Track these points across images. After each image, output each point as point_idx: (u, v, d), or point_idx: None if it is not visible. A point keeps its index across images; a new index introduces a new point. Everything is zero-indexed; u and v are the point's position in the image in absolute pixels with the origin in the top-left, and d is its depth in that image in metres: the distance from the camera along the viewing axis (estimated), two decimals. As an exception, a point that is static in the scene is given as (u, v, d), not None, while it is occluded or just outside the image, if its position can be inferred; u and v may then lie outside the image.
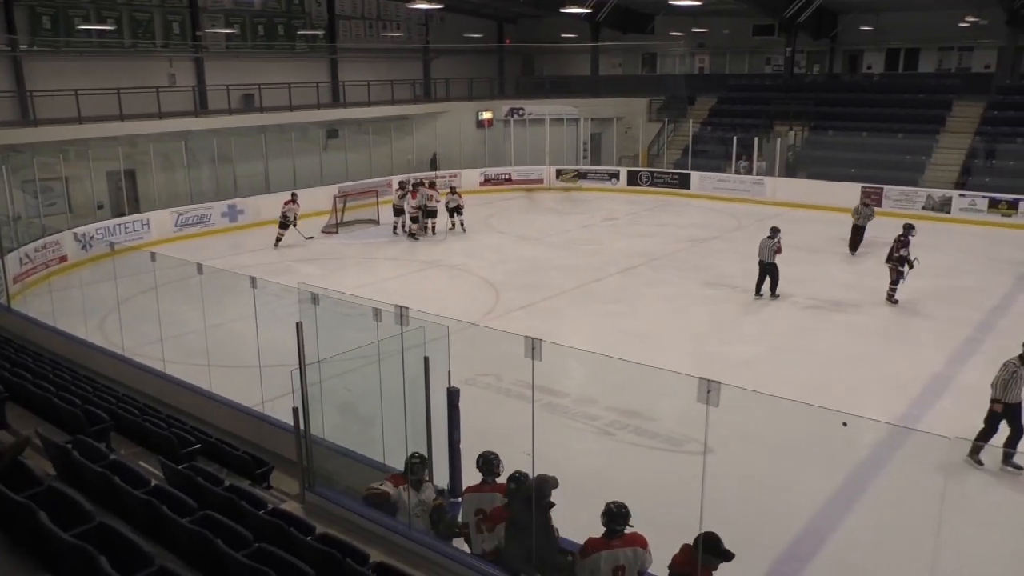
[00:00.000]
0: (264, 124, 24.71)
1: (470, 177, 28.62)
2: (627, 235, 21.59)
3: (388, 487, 5.74)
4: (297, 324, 6.10)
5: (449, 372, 6.82)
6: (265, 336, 9.02)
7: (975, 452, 8.28)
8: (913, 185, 24.48)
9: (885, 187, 24.25)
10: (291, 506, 5.99)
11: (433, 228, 21.22)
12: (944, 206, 23.29)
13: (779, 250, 14.97)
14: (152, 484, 5.27)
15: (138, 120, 21.58)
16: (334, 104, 28.95)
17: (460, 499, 6.14)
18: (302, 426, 6.20)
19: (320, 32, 30.01)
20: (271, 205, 23.26)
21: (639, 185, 28.71)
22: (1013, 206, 22.26)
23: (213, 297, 11.36)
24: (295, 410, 6.22)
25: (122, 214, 20.74)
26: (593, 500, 5.20)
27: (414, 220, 20.78)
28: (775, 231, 15.18)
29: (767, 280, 15.10)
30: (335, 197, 22.52)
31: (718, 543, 4.81)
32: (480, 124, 31.75)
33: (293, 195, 20.65)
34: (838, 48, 33.44)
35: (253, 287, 8.44)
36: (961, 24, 28.89)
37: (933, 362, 11.76)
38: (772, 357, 12.13)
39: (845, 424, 7.44)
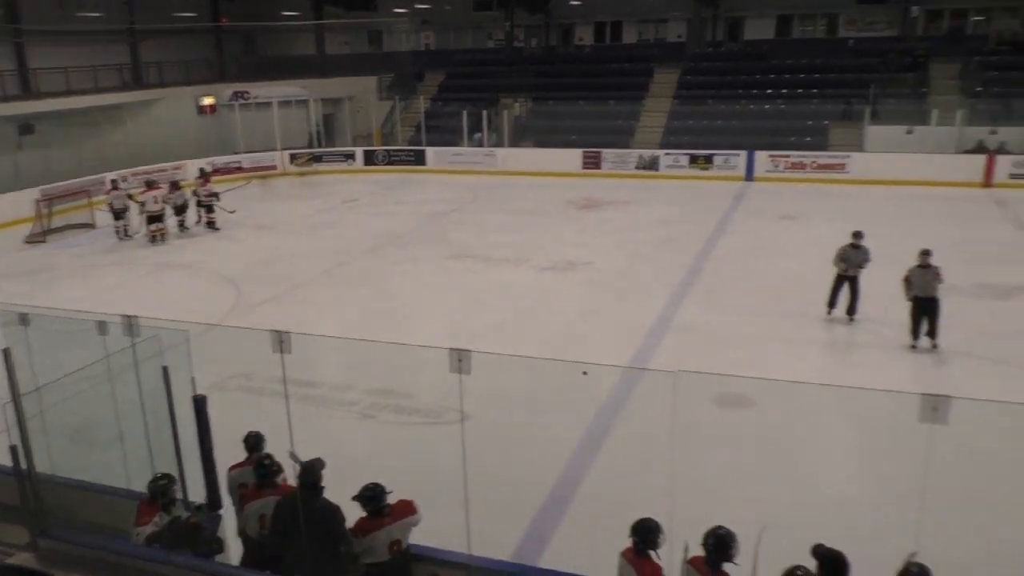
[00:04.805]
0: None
1: (195, 168, 26.81)
2: (369, 215, 21.53)
3: (149, 527, 5.32)
4: (3, 351, 5.44)
5: (193, 379, 6.43)
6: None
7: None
8: (626, 147, 26.83)
9: (603, 151, 26.35)
10: (21, 558, 5.37)
11: (162, 235, 19.19)
12: (653, 164, 25.80)
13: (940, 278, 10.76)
14: None
15: None
16: (25, 95, 25.58)
17: (220, 512, 5.88)
18: (23, 465, 5.55)
19: (-4, 13, 26.31)
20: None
21: (376, 164, 28.66)
22: (709, 160, 25.19)
23: None
24: (13, 449, 5.55)
25: None
26: (362, 484, 5.23)
27: (154, 219, 18.87)
28: (926, 254, 10.75)
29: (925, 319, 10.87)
30: (38, 202, 20.00)
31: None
32: (202, 110, 29.78)
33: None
34: (552, 22, 35.50)
35: (-60, 314, 7.34)
36: (654, -2, 31.97)
37: (655, 307, 13.07)
38: (517, 320, 12.79)
39: (585, 373, 8.13)
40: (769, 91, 28.25)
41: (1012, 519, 6.99)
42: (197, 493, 6.20)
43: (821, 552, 4.24)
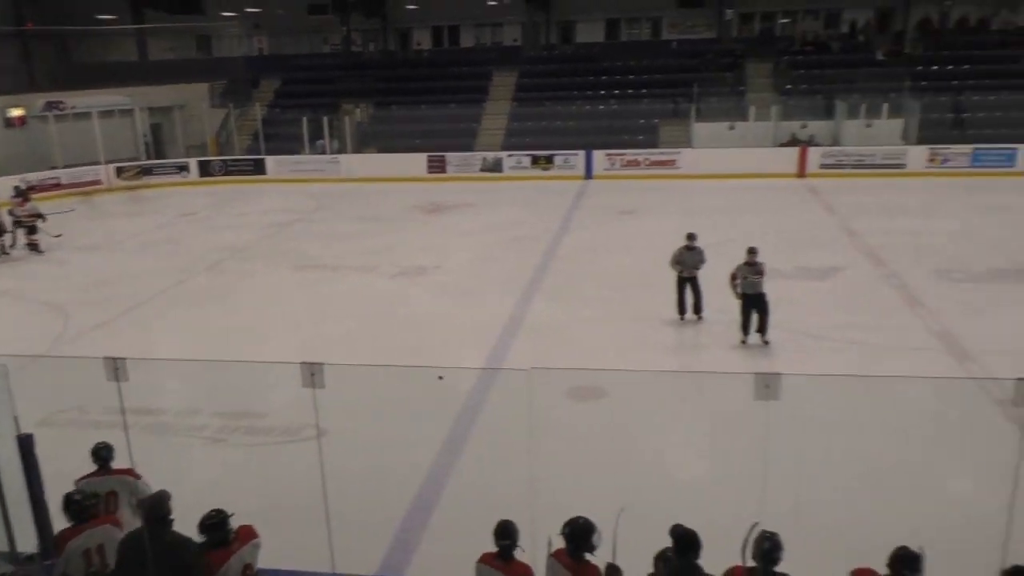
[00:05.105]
0: None
1: (4, 187, 24.55)
2: (208, 229, 20.58)
3: None
4: None
5: (16, 417, 5.93)
6: None
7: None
8: (469, 150, 27.10)
9: (447, 154, 26.49)
10: None
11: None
12: (496, 166, 26.22)
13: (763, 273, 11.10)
14: None
15: None
16: None
17: (55, 561, 5.43)
18: None
19: None
20: None
21: (213, 175, 27.45)
22: (550, 160, 25.88)
23: None
24: None
25: None
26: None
27: None
28: (752, 252, 11.07)
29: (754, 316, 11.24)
30: None
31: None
32: (9, 123, 27.34)
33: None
34: (389, 26, 35.26)
35: None
36: (490, 3, 32.38)
37: (505, 308, 13.24)
38: (369, 328, 12.60)
39: (441, 377, 8.12)
40: (602, 92, 29.38)
41: (844, 481, 7.65)
42: (27, 542, 5.73)
43: (677, 532, 4.46)
